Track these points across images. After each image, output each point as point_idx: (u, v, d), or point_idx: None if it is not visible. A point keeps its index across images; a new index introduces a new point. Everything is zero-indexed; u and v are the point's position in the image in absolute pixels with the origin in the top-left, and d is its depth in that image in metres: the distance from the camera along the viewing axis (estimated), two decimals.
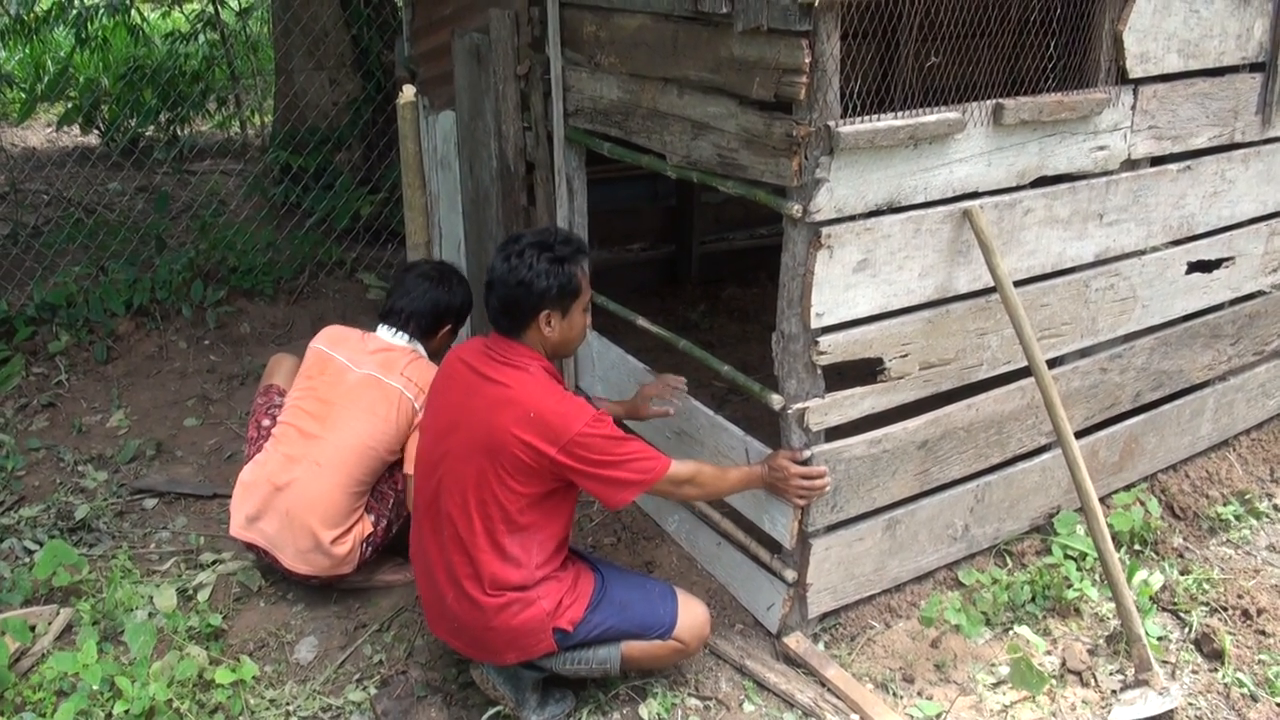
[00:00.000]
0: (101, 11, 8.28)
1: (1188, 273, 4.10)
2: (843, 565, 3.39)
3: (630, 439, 2.94)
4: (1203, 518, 4.22)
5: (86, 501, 4.28)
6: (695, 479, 3.06)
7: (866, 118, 2.94)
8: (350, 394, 3.63)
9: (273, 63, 8.13)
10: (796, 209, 2.95)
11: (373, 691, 3.29)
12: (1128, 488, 4.20)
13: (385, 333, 3.76)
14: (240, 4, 9.34)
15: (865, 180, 3.01)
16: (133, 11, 8.69)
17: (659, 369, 3.83)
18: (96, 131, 8.87)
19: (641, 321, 3.80)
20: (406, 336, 3.74)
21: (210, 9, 8.39)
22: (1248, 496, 4.35)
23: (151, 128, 8.31)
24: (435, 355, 3.74)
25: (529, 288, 2.91)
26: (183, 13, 9.81)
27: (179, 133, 8.36)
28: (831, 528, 3.33)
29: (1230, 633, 3.55)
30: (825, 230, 2.96)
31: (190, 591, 3.73)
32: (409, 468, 3.54)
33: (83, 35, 8.41)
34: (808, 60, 2.80)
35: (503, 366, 2.94)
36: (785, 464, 3.16)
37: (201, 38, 8.76)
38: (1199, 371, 4.35)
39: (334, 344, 3.77)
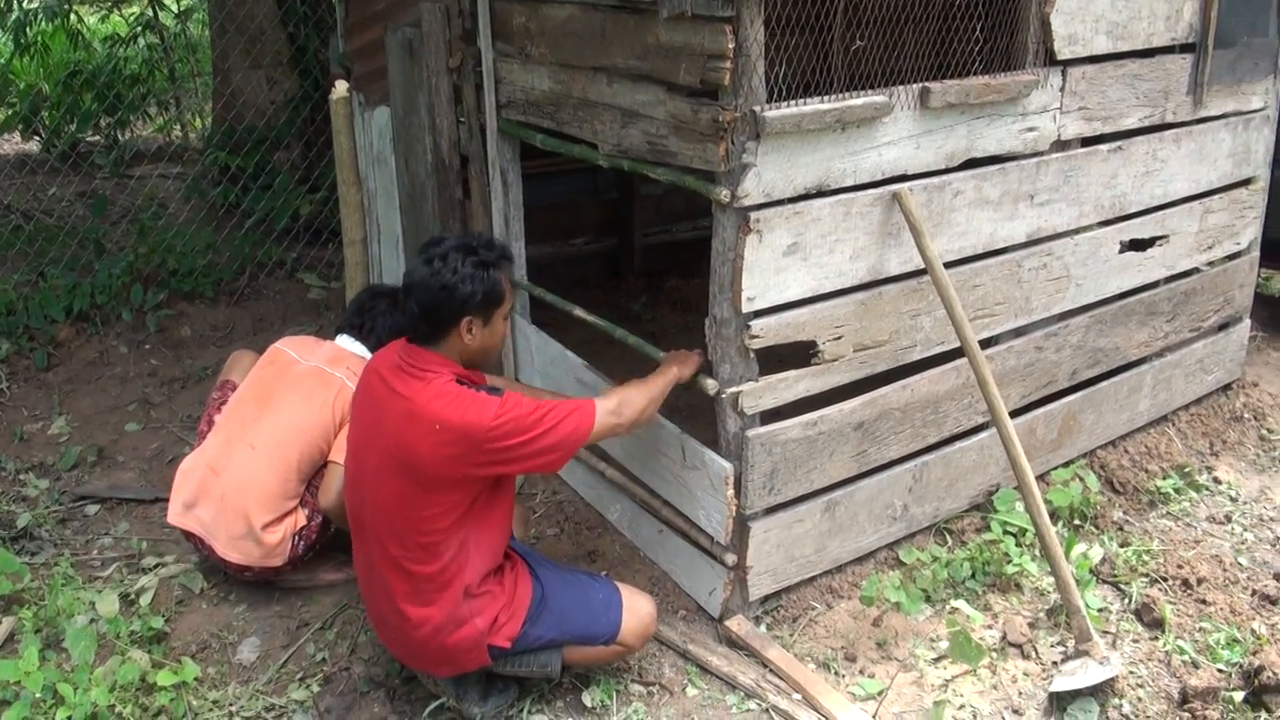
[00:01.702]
0: (40, 16, 8.18)
1: (1121, 252, 4.15)
2: (782, 548, 3.41)
3: (545, 403, 2.87)
4: (1142, 492, 4.28)
5: (28, 510, 4.23)
6: (625, 401, 3.01)
7: (792, 102, 2.96)
8: (292, 382, 3.65)
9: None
10: (725, 194, 2.96)
11: (316, 690, 3.27)
12: (1067, 464, 4.24)
13: (345, 340, 3.81)
14: (179, 6, 9.25)
15: (793, 164, 3.03)
16: (72, 16, 8.59)
17: (599, 361, 3.84)
18: (37, 138, 8.75)
19: (579, 311, 3.80)
20: (364, 348, 3.76)
21: (150, 12, 8.31)
22: (1187, 470, 4.41)
23: (91, 132, 8.22)
24: None
25: (452, 293, 2.81)
26: (122, 16, 9.70)
27: (119, 137, 8.26)
28: (770, 510, 3.35)
29: (1171, 602, 3.60)
30: (754, 215, 2.98)
31: (132, 596, 3.69)
32: (334, 455, 3.54)
33: (21, 40, 8.30)
34: (731, 45, 2.82)
35: (408, 378, 2.84)
36: (685, 352, 3.24)
37: (141, 41, 8.67)
38: (1136, 348, 4.41)
39: (290, 343, 3.84)
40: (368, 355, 3.71)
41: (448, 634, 2.90)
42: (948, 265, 3.44)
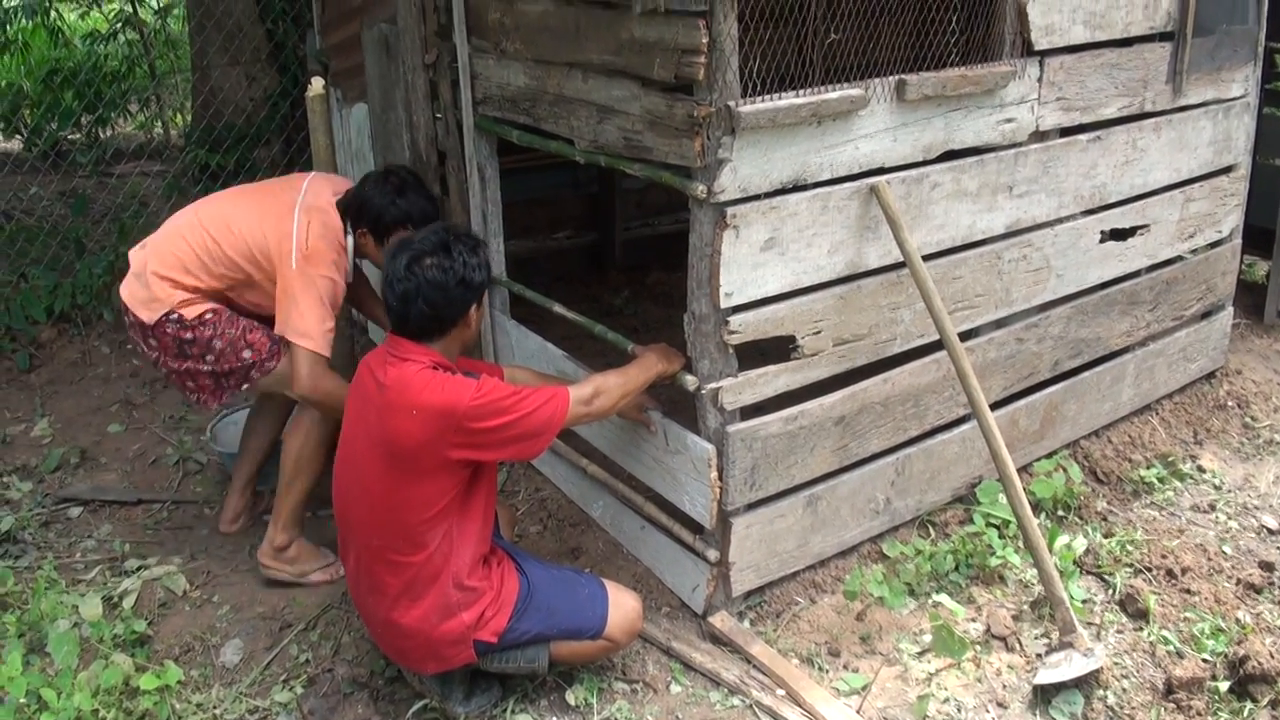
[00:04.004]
0: (20, 13, 8.14)
1: (1102, 241, 4.15)
2: (765, 543, 3.41)
3: (521, 389, 2.88)
4: (1126, 481, 4.28)
5: (12, 513, 4.21)
6: (600, 391, 3.03)
7: (768, 96, 2.95)
8: (267, 197, 3.70)
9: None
10: (701, 189, 2.95)
11: (299, 691, 3.26)
12: (1050, 455, 4.24)
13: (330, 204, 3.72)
14: (159, 2, 9.20)
15: (769, 159, 3.02)
16: (52, 13, 8.55)
17: (580, 355, 3.83)
18: (18, 136, 8.71)
19: (558, 308, 3.79)
20: (338, 219, 3.66)
21: (129, 8, 8.26)
22: (1170, 459, 4.41)
23: (72, 130, 8.18)
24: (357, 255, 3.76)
25: (468, 285, 2.88)
26: (102, 12, 9.66)
27: (100, 134, 8.22)
28: (751, 506, 3.35)
29: (1155, 592, 3.59)
30: (730, 210, 2.97)
31: (115, 599, 3.67)
32: (279, 329, 3.54)
33: (2, 39, 8.26)
34: (705, 40, 2.81)
35: (389, 367, 2.86)
36: (669, 347, 3.26)
37: (121, 37, 8.63)
38: (1118, 338, 4.41)
39: (316, 176, 3.86)
40: (337, 223, 3.63)
41: (434, 626, 2.89)
42: (927, 258, 3.43)
